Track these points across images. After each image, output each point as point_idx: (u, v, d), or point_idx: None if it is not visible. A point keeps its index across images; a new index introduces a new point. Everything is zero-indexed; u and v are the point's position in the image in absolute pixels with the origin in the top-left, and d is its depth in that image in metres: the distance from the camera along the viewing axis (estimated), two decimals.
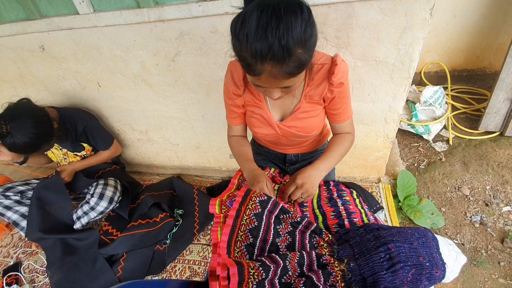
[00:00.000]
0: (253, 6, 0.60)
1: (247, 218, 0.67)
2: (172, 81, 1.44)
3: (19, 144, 1.24)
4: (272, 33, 0.57)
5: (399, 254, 0.65)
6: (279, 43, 0.58)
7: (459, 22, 2.00)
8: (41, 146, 1.34)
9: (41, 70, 1.59)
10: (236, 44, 0.65)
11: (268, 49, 0.59)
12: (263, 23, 0.57)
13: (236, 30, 0.62)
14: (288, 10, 0.57)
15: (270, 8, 0.57)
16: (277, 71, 0.64)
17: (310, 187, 0.84)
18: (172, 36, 1.27)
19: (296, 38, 0.59)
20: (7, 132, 1.22)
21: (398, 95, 1.20)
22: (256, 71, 0.65)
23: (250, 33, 0.59)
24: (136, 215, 1.57)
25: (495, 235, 1.40)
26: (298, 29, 0.58)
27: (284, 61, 0.61)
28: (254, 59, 0.62)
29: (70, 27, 1.34)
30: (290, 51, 0.60)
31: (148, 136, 1.82)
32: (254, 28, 0.58)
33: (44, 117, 1.35)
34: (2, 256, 1.64)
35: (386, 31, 1.04)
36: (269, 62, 0.62)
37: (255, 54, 0.61)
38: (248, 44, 0.60)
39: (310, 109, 0.91)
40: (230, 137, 1.07)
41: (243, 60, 0.66)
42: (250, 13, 0.59)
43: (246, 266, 0.55)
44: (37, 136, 1.28)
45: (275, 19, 0.57)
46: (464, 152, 1.78)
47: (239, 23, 0.61)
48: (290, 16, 0.57)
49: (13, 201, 1.53)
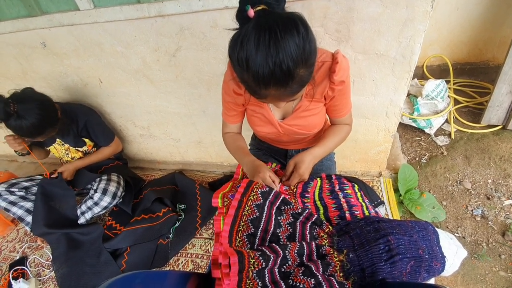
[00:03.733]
0: (249, 29, 0.58)
1: (249, 208, 0.68)
2: (173, 76, 1.45)
3: (25, 125, 1.26)
4: (272, 60, 0.57)
5: (398, 246, 0.66)
6: (281, 69, 0.58)
7: (462, 15, 1.97)
8: (46, 129, 1.35)
9: (43, 66, 1.60)
10: (236, 68, 0.65)
11: (270, 76, 0.59)
12: (262, 49, 0.57)
13: (235, 55, 0.62)
14: (285, 32, 0.57)
15: (267, 32, 0.56)
16: (281, 94, 0.65)
17: (304, 172, 0.87)
18: (173, 31, 1.26)
19: (296, 60, 0.59)
20: (14, 112, 1.23)
21: (399, 88, 1.20)
22: (261, 95, 0.66)
23: (250, 60, 0.59)
24: (139, 210, 1.59)
25: (496, 229, 1.40)
26: (297, 50, 0.58)
27: (288, 84, 0.62)
28: (257, 85, 0.63)
29: (71, 23, 1.34)
30: (292, 74, 0.60)
31: (150, 132, 1.83)
32: (253, 54, 0.58)
33: (49, 102, 1.38)
34: (8, 250, 1.67)
35: (387, 24, 1.03)
36: (272, 87, 0.62)
37: (257, 81, 0.61)
38: (249, 70, 0.60)
39: (311, 108, 0.91)
40: (225, 134, 1.07)
41: (246, 84, 0.67)
42: (247, 38, 0.58)
43: (246, 255, 0.56)
44: (43, 118, 1.30)
45: (273, 44, 0.56)
46: (466, 146, 1.77)
47: (237, 48, 0.60)
48: (287, 39, 0.57)
49: (18, 196, 1.55)
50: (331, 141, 0.95)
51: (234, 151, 1.03)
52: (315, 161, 0.92)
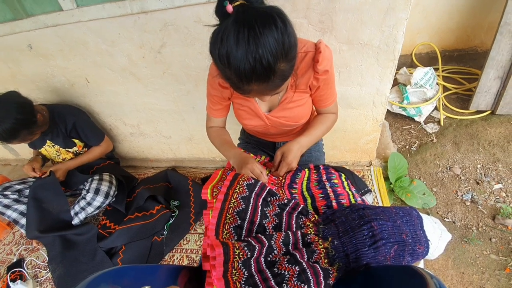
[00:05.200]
0: (228, 25, 0.58)
1: (235, 201, 0.69)
2: (160, 73, 1.44)
3: None
4: (252, 55, 0.57)
5: (381, 231, 0.67)
6: (261, 64, 0.58)
7: (449, 2, 1.97)
8: (20, 133, 1.32)
9: (31, 68, 1.59)
10: (218, 65, 0.65)
11: (251, 72, 0.60)
12: (241, 45, 0.57)
13: (216, 52, 0.62)
14: (264, 27, 0.57)
15: (246, 29, 0.56)
16: (264, 88, 0.66)
17: (291, 160, 0.89)
18: (156, 27, 1.26)
19: (276, 55, 0.59)
20: None
21: (385, 77, 1.20)
22: (244, 90, 0.67)
23: (230, 56, 0.59)
24: (133, 208, 1.60)
25: (486, 212, 1.43)
26: (276, 45, 0.58)
27: (269, 78, 0.63)
28: (240, 81, 0.63)
29: (55, 23, 1.33)
30: (273, 68, 0.60)
31: (140, 130, 1.82)
32: (234, 51, 0.58)
33: (26, 105, 1.35)
34: (5, 253, 1.68)
35: (369, 13, 1.03)
36: (254, 82, 0.63)
37: (239, 77, 0.62)
38: (230, 67, 0.61)
39: (297, 99, 0.92)
40: (210, 128, 1.07)
41: (229, 80, 0.67)
42: (227, 35, 0.58)
43: (231, 247, 0.57)
44: (17, 121, 1.28)
45: (253, 40, 0.56)
46: (455, 132, 1.79)
47: (218, 45, 0.60)
48: (266, 35, 0.57)
49: (11, 199, 1.55)
50: (317, 130, 0.97)
51: (220, 144, 1.03)
52: (303, 149, 0.93)
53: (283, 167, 0.91)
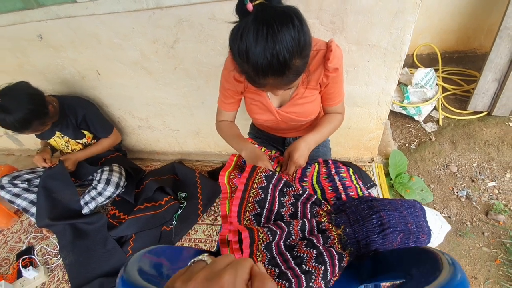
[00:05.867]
0: (248, 23, 0.63)
1: (254, 191, 0.74)
2: (171, 68, 1.47)
3: (9, 119, 1.27)
4: (270, 51, 0.62)
5: (389, 221, 0.73)
6: (277, 60, 0.63)
7: (451, 4, 2.03)
8: (32, 123, 1.35)
9: (40, 59, 1.61)
10: (236, 59, 0.69)
11: (268, 67, 0.64)
12: (260, 41, 0.61)
13: (236, 47, 0.66)
14: (282, 26, 0.61)
15: (265, 26, 0.61)
16: (279, 82, 0.70)
17: (298, 158, 0.92)
18: (171, 23, 1.29)
19: (292, 51, 0.63)
20: None
21: (391, 77, 1.26)
22: (260, 84, 0.72)
23: (249, 52, 0.63)
24: (142, 199, 1.64)
25: (480, 208, 1.50)
26: (292, 42, 0.63)
27: (284, 73, 0.67)
28: (256, 75, 0.68)
29: (68, 15, 1.34)
30: (288, 64, 0.65)
31: (149, 123, 1.86)
32: (252, 46, 0.62)
33: (39, 96, 1.38)
34: (13, 241, 1.71)
35: (379, 16, 1.08)
36: (270, 77, 0.67)
37: (256, 71, 0.66)
38: (249, 61, 0.65)
39: (307, 95, 0.96)
40: (220, 122, 1.09)
41: (246, 74, 0.71)
42: (247, 32, 0.62)
43: (255, 231, 0.62)
44: (30, 111, 1.31)
45: (271, 37, 0.61)
46: (453, 132, 1.86)
47: (238, 41, 0.65)
48: (284, 33, 0.61)
49: (21, 188, 1.58)
50: (324, 129, 1.00)
51: (231, 138, 1.05)
52: (310, 147, 0.97)
53: (291, 166, 0.93)
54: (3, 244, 1.72)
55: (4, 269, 1.59)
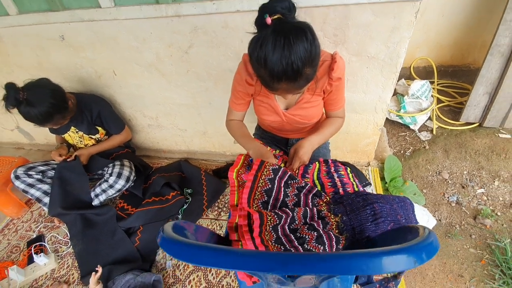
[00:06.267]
0: (268, 34, 0.73)
1: (263, 181, 0.84)
2: (184, 71, 1.58)
3: (33, 112, 1.37)
4: (285, 60, 0.72)
5: (381, 211, 0.82)
6: (292, 67, 0.73)
7: (448, 20, 2.15)
8: (54, 117, 1.45)
9: (59, 58, 1.71)
10: (254, 65, 0.80)
11: (283, 73, 0.75)
12: (277, 51, 0.72)
13: (255, 54, 0.76)
14: (297, 38, 0.71)
15: (282, 38, 0.71)
16: (291, 87, 0.81)
17: (303, 155, 1.03)
18: (187, 29, 1.39)
19: (304, 61, 0.74)
20: (23, 99, 1.34)
21: (387, 87, 1.36)
22: (273, 87, 0.82)
23: (267, 59, 0.74)
24: (149, 193, 1.72)
25: (469, 213, 1.60)
26: (305, 53, 0.73)
27: (296, 80, 0.77)
28: (272, 80, 0.78)
29: (91, 19, 1.45)
30: (301, 72, 0.75)
31: (158, 122, 1.95)
32: (270, 55, 0.73)
33: (60, 91, 1.48)
34: (24, 230, 1.79)
35: (378, 31, 1.19)
36: (284, 81, 0.78)
37: (272, 76, 0.77)
38: (266, 67, 0.75)
39: (312, 100, 1.07)
40: (230, 121, 1.19)
41: (261, 78, 0.82)
42: (266, 42, 0.73)
43: (264, 214, 0.71)
44: (52, 106, 1.40)
45: (287, 48, 0.71)
46: (445, 141, 1.97)
47: (257, 49, 0.75)
48: (298, 44, 0.71)
49: (35, 179, 1.66)
50: (326, 131, 1.11)
51: (240, 136, 1.15)
52: (313, 147, 1.08)
53: (296, 161, 1.04)
54: (13, 233, 1.79)
55: (14, 256, 1.66)
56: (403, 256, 0.39)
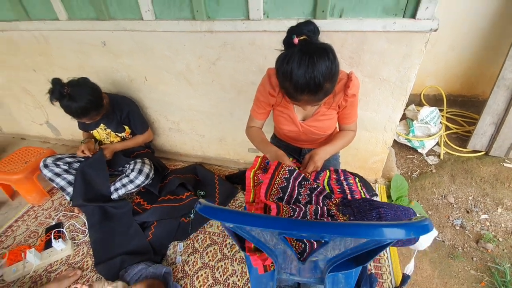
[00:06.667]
0: (294, 52, 0.86)
1: (279, 179, 0.94)
2: (209, 81, 1.72)
3: (74, 106, 1.52)
4: (308, 75, 0.84)
5: (386, 215, 0.91)
6: (314, 82, 0.85)
7: (457, 52, 2.28)
8: (90, 112, 1.60)
9: (99, 62, 1.89)
10: (280, 77, 0.93)
11: (306, 86, 0.87)
12: (302, 67, 0.84)
13: (282, 68, 0.89)
14: (320, 57, 0.84)
15: (307, 57, 0.83)
16: (311, 99, 0.93)
17: (317, 160, 1.13)
18: (217, 44, 1.55)
19: (325, 77, 0.86)
20: (67, 94, 1.50)
21: (397, 108, 1.47)
22: (296, 98, 0.94)
23: (293, 73, 0.86)
24: (165, 191, 1.82)
25: (472, 237, 1.64)
26: (326, 70, 0.85)
27: (317, 93, 0.90)
28: (295, 92, 0.90)
29: (133, 29, 1.63)
30: (321, 86, 0.87)
31: (179, 127, 2.09)
32: (295, 70, 0.85)
33: (98, 90, 1.64)
34: (44, 217, 1.90)
35: (391, 56, 1.32)
36: (306, 94, 0.90)
37: (296, 88, 0.89)
38: (291, 80, 0.88)
39: (327, 113, 1.18)
40: (251, 128, 1.31)
41: (286, 89, 0.94)
42: (292, 59, 0.85)
43: (281, 205, 0.81)
44: (90, 102, 1.56)
45: (311, 65, 0.83)
46: (452, 166, 2.04)
47: (284, 64, 0.88)
48: (321, 63, 0.84)
49: (62, 169, 1.78)
50: (339, 142, 1.22)
51: (259, 141, 1.26)
52: (327, 155, 1.18)
53: (311, 165, 1.14)
54: (33, 219, 1.90)
55: (31, 241, 1.76)
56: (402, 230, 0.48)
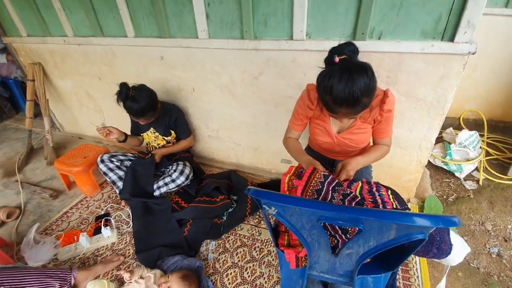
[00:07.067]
0: (335, 70, 0.96)
1: (315, 183, 1.02)
2: (251, 93, 1.88)
3: (135, 107, 1.75)
4: (348, 90, 0.94)
5: None
6: (352, 96, 0.95)
7: (498, 78, 2.24)
8: (147, 113, 1.82)
9: (155, 73, 2.14)
10: (321, 92, 1.03)
11: (345, 100, 0.96)
12: (342, 82, 0.94)
13: (323, 83, 1.00)
14: (359, 74, 0.94)
15: (347, 74, 0.93)
16: (349, 112, 1.03)
17: (350, 169, 1.18)
18: (260, 60, 1.71)
19: (363, 92, 0.95)
20: (131, 96, 1.74)
21: (433, 127, 1.50)
22: (334, 111, 1.04)
23: (333, 88, 0.96)
24: (201, 193, 1.96)
25: (509, 266, 1.56)
26: (365, 86, 0.94)
27: (355, 107, 0.99)
28: (334, 105, 1.01)
29: (188, 46, 1.85)
30: (359, 101, 0.97)
31: (218, 134, 2.25)
32: (336, 85, 0.95)
33: (155, 95, 1.88)
34: (94, 207, 2.12)
35: (427, 77, 1.37)
36: (344, 107, 1.00)
37: (335, 102, 0.99)
38: (331, 94, 0.98)
39: (362, 127, 1.25)
40: (288, 138, 1.40)
41: (325, 102, 1.04)
42: (333, 75, 0.96)
43: None
44: (148, 104, 1.79)
45: (350, 81, 0.93)
46: (491, 193, 1.96)
47: (326, 80, 0.98)
48: (360, 79, 0.93)
49: (115, 165, 2.01)
50: (372, 155, 1.27)
51: (295, 151, 1.35)
52: (359, 166, 1.23)
53: (343, 174, 1.20)
54: (85, 208, 2.13)
55: (83, 227, 1.97)
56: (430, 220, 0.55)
